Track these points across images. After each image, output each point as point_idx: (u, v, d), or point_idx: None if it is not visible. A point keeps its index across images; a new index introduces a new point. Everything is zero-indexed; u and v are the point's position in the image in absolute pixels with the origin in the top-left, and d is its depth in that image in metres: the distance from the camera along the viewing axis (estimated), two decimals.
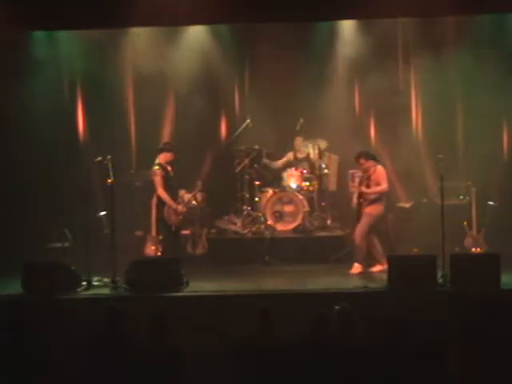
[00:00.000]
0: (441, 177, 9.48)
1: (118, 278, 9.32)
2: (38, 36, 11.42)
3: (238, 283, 9.54)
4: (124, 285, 9.21)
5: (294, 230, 11.54)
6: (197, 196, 11.25)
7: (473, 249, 10.74)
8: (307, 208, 11.58)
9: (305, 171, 11.91)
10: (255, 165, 11.98)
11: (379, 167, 10.20)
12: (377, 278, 9.60)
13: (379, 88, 11.63)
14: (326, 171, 11.95)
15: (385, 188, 10.13)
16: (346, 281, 9.49)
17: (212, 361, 7.50)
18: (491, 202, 11.06)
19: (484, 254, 10.31)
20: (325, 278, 9.80)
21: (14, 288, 9.13)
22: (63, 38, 11.56)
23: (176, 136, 11.80)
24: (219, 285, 9.40)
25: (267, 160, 12.10)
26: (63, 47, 11.60)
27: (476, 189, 11.05)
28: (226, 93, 12.38)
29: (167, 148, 10.48)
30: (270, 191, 11.73)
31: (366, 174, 10.21)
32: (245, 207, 11.82)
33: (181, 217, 10.44)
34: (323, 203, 11.86)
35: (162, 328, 6.31)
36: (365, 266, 10.18)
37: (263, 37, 11.84)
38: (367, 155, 10.23)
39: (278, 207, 11.61)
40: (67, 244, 10.43)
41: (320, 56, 11.97)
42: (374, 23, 11.44)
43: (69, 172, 11.38)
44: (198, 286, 9.30)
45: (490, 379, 6.21)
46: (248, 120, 11.93)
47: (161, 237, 10.29)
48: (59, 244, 10.41)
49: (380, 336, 6.17)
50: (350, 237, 10.48)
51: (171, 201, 10.27)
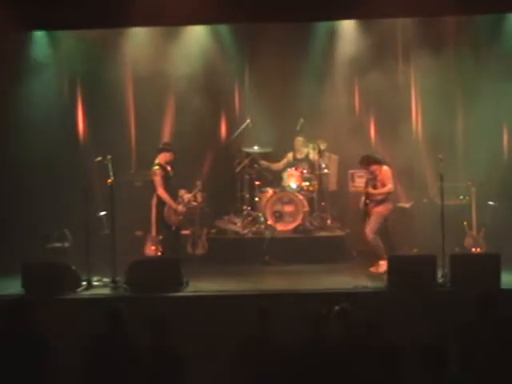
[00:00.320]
0: (441, 177, 9.49)
1: (118, 278, 9.33)
2: (38, 36, 11.42)
3: (238, 283, 9.54)
4: (124, 285, 9.22)
5: (294, 230, 11.54)
6: (197, 196, 11.25)
7: (473, 249, 10.74)
8: (307, 208, 11.58)
9: (305, 171, 11.91)
10: (255, 165, 11.98)
11: (385, 168, 10.25)
12: (377, 278, 9.60)
13: (379, 88, 11.64)
14: (326, 171, 11.95)
15: (390, 188, 10.19)
16: (346, 281, 9.49)
17: (212, 361, 7.51)
18: (491, 202, 11.06)
19: (484, 254, 10.31)
20: (325, 278, 9.80)
21: (14, 288, 9.14)
22: (63, 38, 11.56)
23: (176, 136, 11.81)
24: (219, 285, 9.41)
25: (266, 163, 12.09)
26: (63, 47, 11.60)
27: (476, 189, 11.05)
28: (226, 93, 12.38)
29: (167, 148, 10.50)
30: (270, 191, 11.73)
31: (372, 176, 10.26)
32: (245, 207, 11.82)
33: (181, 217, 10.45)
34: (323, 203, 11.86)
35: (162, 328, 6.31)
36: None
37: (263, 37, 11.85)
38: (368, 161, 10.27)
39: (278, 207, 11.61)
40: (67, 244, 10.43)
41: (320, 56, 11.97)
42: (374, 23, 11.44)
43: (69, 172, 11.37)
44: (198, 286, 9.31)
45: (490, 379, 6.21)
46: (248, 120, 11.93)
47: (161, 237, 10.30)
48: (59, 244, 10.42)
49: (380, 336, 6.17)
50: (363, 237, 10.42)
51: (171, 201, 10.29)
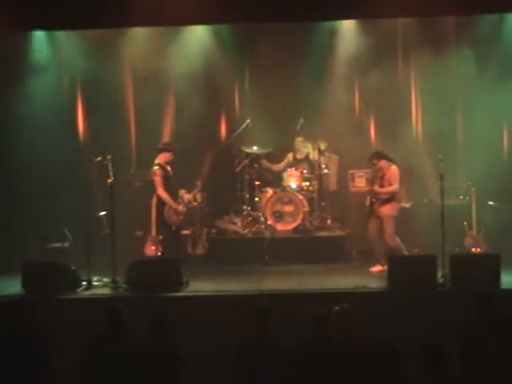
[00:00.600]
0: (441, 177, 9.48)
1: (118, 278, 9.33)
2: (38, 36, 11.42)
3: (238, 283, 9.54)
4: (124, 285, 9.22)
5: (294, 230, 11.53)
6: (197, 196, 11.25)
7: (473, 249, 10.74)
8: (307, 208, 11.58)
9: (305, 171, 11.90)
10: (255, 165, 11.98)
11: (393, 167, 10.25)
12: (377, 278, 9.60)
13: (379, 88, 11.63)
14: (326, 171, 11.94)
15: (396, 188, 10.21)
16: (346, 281, 9.48)
17: (212, 361, 7.51)
18: (491, 202, 11.06)
19: (484, 254, 10.31)
20: (325, 278, 9.79)
21: (14, 288, 9.14)
22: (63, 38, 11.56)
23: (176, 136, 11.81)
24: (219, 285, 9.40)
25: (268, 163, 12.09)
26: (63, 47, 11.60)
27: (476, 189, 11.06)
28: (226, 93, 12.37)
29: (166, 148, 10.51)
30: (270, 191, 11.73)
31: (380, 173, 10.26)
32: (245, 207, 11.81)
33: (181, 217, 10.45)
34: (323, 203, 11.85)
35: (162, 328, 6.31)
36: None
37: (263, 37, 11.85)
38: (378, 155, 10.31)
39: (278, 207, 11.61)
40: (67, 244, 10.43)
41: (320, 56, 11.96)
42: (374, 22, 11.43)
43: (69, 172, 11.37)
44: (198, 286, 9.31)
45: (490, 379, 6.21)
46: (248, 120, 11.93)
47: (161, 237, 10.30)
48: (59, 244, 10.41)
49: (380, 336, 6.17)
50: (367, 237, 10.39)
51: (171, 201, 10.29)
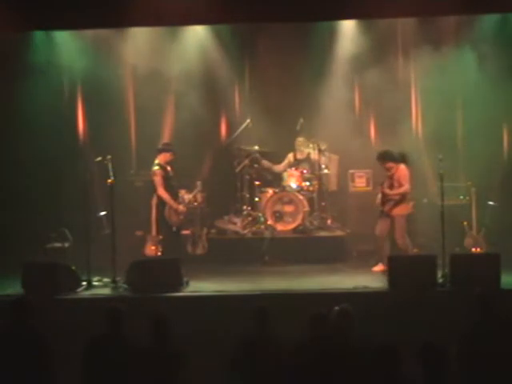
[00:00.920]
0: (441, 177, 9.49)
1: (118, 278, 9.34)
2: (38, 36, 11.42)
3: (238, 283, 9.54)
4: (124, 285, 9.22)
5: (294, 230, 11.53)
6: (197, 196, 11.25)
7: (473, 249, 10.74)
8: (307, 208, 11.58)
9: (305, 171, 11.90)
10: (255, 165, 11.98)
11: (401, 167, 10.11)
12: (377, 278, 9.60)
13: (379, 88, 11.63)
14: (326, 171, 11.95)
15: (407, 189, 10.06)
16: (346, 281, 9.48)
17: (211, 361, 7.50)
18: (491, 202, 11.06)
19: (484, 254, 10.31)
20: (325, 278, 9.79)
21: (14, 288, 9.14)
22: (63, 38, 11.56)
23: (176, 136, 11.80)
24: (219, 285, 9.40)
25: (268, 163, 12.08)
26: (63, 47, 11.60)
27: (476, 189, 11.05)
28: (226, 93, 12.38)
29: (166, 148, 10.52)
30: (270, 191, 11.73)
31: (389, 173, 10.17)
32: (245, 207, 11.82)
33: (181, 217, 10.46)
34: (323, 203, 11.86)
35: (162, 328, 6.30)
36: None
37: (263, 37, 11.86)
38: (384, 158, 10.18)
39: (278, 207, 11.61)
40: (67, 244, 10.42)
41: (320, 56, 11.96)
42: (374, 22, 11.43)
43: (69, 172, 11.37)
44: (198, 286, 9.32)
45: (490, 379, 6.21)
46: (248, 120, 11.93)
47: (161, 237, 10.31)
48: (59, 244, 10.41)
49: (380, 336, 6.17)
50: (376, 237, 10.33)
51: (172, 200, 10.29)
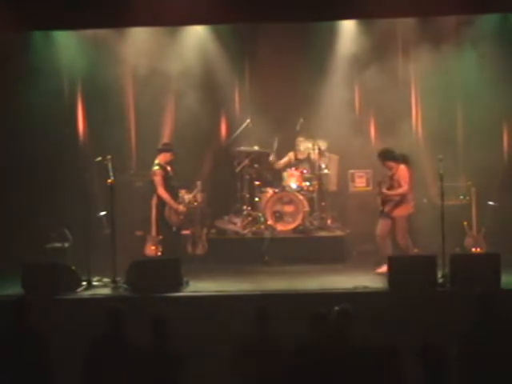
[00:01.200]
0: (441, 177, 9.48)
1: (118, 278, 9.34)
2: (38, 36, 11.42)
3: (238, 283, 9.54)
4: (124, 285, 9.22)
5: (294, 230, 11.53)
6: (197, 196, 11.25)
7: (473, 249, 10.74)
8: (307, 208, 11.57)
9: (305, 171, 11.90)
10: (255, 165, 11.98)
11: (401, 167, 10.04)
12: (377, 278, 9.59)
13: (380, 87, 11.62)
14: (326, 171, 11.94)
15: (405, 190, 9.97)
16: (346, 281, 9.48)
17: (212, 361, 7.51)
18: (491, 202, 11.06)
19: (484, 254, 10.31)
20: (325, 278, 9.79)
21: (14, 288, 9.14)
22: (63, 39, 11.56)
23: (176, 136, 11.81)
24: (219, 285, 9.40)
25: (274, 158, 12.03)
26: (63, 48, 11.60)
27: (476, 189, 11.06)
28: (226, 93, 12.37)
29: (166, 148, 10.52)
30: (270, 191, 11.73)
31: (390, 173, 10.12)
32: (245, 207, 11.81)
33: (181, 217, 10.46)
34: (323, 203, 11.85)
35: (162, 328, 6.31)
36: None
37: (263, 37, 11.86)
38: (384, 157, 10.14)
39: (278, 207, 11.60)
40: (67, 244, 10.43)
41: (320, 56, 11.96)
42: (374, 22, 11.42)
43: (69, 172, 11.37)
44: (198, 286, 9.32)
45: (490, 379, 6.21)
46: (248, 120, 11.93)
47: (161, 237, 10.31)
48: (59, 244, 10.41)
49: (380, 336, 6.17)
50: (376, 237, 10.28)
51: (172, 200, 10.30)
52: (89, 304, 8.71)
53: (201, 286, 9.32)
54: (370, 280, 9.49)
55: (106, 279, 9.49)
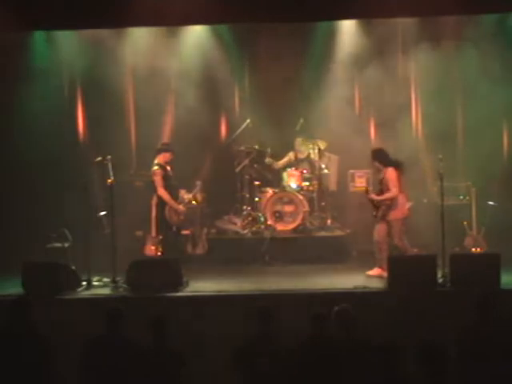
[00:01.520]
0: (441, 177, 9.47)
1: (118, 278, 9.33)
2: (38, 36, 11.42)
3: (238, 283, 9.53)
4: (124, 285, 9.22)
5: (294, 230, 11.53)
6: (197, 196, 11.25)
7: (473, 249, 10.74)
8: (307, 208, 11.57)
9: (305, 171, 11.90)
10: (255, 165, 11.98)
11: (389, 170, 9.78)
12: (377, 278, 9.58)
13: (380, 87, 11.63)
14: (326, 171, 11.95)
15: (393, 194, 9.71)
16: (346, 281, 9.48)
17: (212, 361, 7.51)
18: (491, 202, 11.06)
19: (484, 254, 10.31)
20: (325, 278, 9.79)
21: (14, 288, 9.14)
22: (63, 38, 11.56)
23: (176, 136, 11.80)
24: (219, 285, 9.40)
25: (271, 160, 12.04)
26: (63, 47, 11.60)
27: (476, 189, 11.06)
28: (226, 93, 12.37)
29: (165, 148, 10.51)
30: (270, 191, 11.73)
31: (379, 177, 9.97)
32: (245, 207, 11.81)
33: (182, 216, 10.45)
34: (323, 203, 11.85)
35: (162, 328, 6.30)
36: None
37: (263, 36, 11.85)
38: (373, 156, 9.98)
39: (278, 207, 11.60)
40: (67, 244, 10.42)
41: (320, 55, 11.96)
42: (374, 21, 11.42)
43: (69, 172, 11.37)
44: (198, 286, 9.31)
45: (490, 379, 6.21)
46: (248, 120, 11.93)
47: (161, 237, 10.30)
48: (59, 244, 10.40)
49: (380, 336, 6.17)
50: (372, 239, 10.07)
51: (172, 200, 10.28)
52: (89, 304, 8.71)
53: (201, 286, 9.32)
54: (370, 280, 9.50)
55: (106, 279, 9.49)
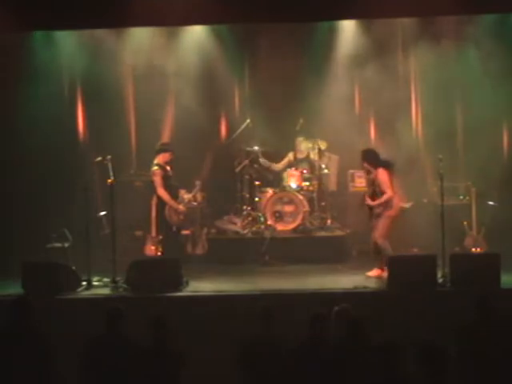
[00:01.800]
0: (441, 177, 9.47)
1: (118, 278, 9.33)
2: (38, 36, 11.42)
3: (238, 283, 9.54)
4: (124, 285, 9.22)
5: (294, 230, 11.53)
6: (197, 196, 11.25)
7: (473, 249, 10.74)
8: (307, 208, 11.57)
9: (305, 171, 11.90)
10: (255, 165, 11.97)
11: (380, 171, 9.71)
12: (377, 279, 9.59)
13: (380, 87, 11.62)
14: (326, 171, 11.94)
15: (389, 196, 9.67)
16: (346, 281, 9.48)
17: (212, 361, 7.51)
18: (491, 202, 11.06)
19: (484, 254, 10.31)
20: (325, 278, 9.79)
21: (14, 288, 9.14)
22: (63, 38, 11.55)
23: (176, 136, 11.80)
24: (219, 285, 9.41)
25: (267, 162, 12.03)
26: (63, 47, 11.60)
27: (476, 189, 11.06)
28: (226, 93, 12.37)
29: (165, 148, 10.50)
30: (270, 191, 11.73)
31: (371, 178, 9.89)
32: (245, 207, 11.81)
33: (181, 216, 10.45)
34: (323, 203, 11.85)
35: (162, 328, 6.30)
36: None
37: (263, 36, 11.85)
38: (363, 157, 9.91)
39: (278, 207, 11.60)
40: (67, 244, 10.41)
41: (320, 55, 11.96)
42: (374, 22, 11.42)
43: (69, 172, 11.37)
44: (198, 286, 9.32)
45: (490, 379, 6.21)
46: (248, 120, 11.93)
47: (161, 237, 10.30)
48: (59, 244, 10.40)
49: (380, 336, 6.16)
50: (369, 239, 10.10)
51: (172, 200, 10.28)
52: (89, 304, 8.71)
53: (201, 286, 9.32)
54: (370, 280, 9.50)
55: (106, 279, 9.49)
